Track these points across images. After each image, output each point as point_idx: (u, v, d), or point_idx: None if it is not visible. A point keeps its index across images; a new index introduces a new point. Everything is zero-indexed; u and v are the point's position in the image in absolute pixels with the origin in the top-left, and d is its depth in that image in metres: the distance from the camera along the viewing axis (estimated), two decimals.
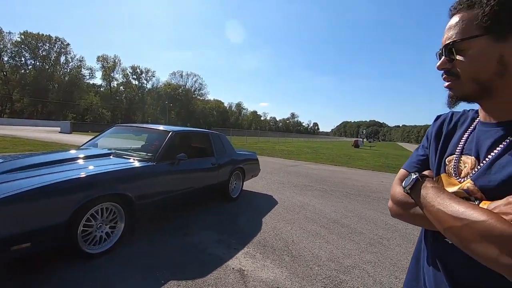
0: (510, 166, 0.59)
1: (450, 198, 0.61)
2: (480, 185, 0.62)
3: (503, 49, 0.61)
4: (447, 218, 0.58)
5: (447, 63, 0.68)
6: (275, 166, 10.40)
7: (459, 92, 0.69)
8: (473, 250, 0.54)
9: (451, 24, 0.68)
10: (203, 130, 4.83)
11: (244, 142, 27.21)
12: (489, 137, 0.67)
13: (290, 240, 3.43)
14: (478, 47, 0.63)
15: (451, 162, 0.73)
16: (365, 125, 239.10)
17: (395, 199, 0.79)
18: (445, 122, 0.83)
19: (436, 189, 0.66)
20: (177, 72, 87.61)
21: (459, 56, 0.66)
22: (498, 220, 0.51)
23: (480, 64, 0.63)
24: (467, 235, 0.54)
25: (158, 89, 79.74)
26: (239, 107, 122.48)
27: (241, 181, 5.29)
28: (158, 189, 3.26)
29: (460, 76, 0.66)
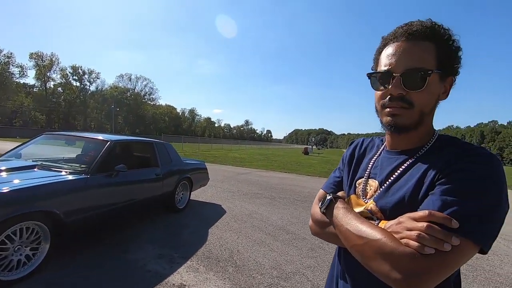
0: (403, 189, 0.66)
1: (356, 218, 0.67)
2: (380, 206, 0.69)
3: (440, 88, 0.68)
4: (352, 236, 0.64)
5: (404, 89, 0.65)
6: (227, 174, 10.37)
7: (405, 121, 0.67)
8: (371, 266, 0.60)
9: (406, 48, 0.66)
10: (147, 139, 4.62)
11: (197, 149, 26.62)
12: (390, 164, 0.74)
13: (235, 250, 3.44)
14: (433, 81, 0.65)
15: (360, 184, 0.80)
16: (314, 133, 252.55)
17: (314, 219, 0.84)
18: (357, 147, 0.90)
19: (345, 210, 0.71)
20: (125, 75, 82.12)
21: (419, 85, 0.64)
22: (390, 238, 0.57)
23: (431, 98, 0.67)
24: (367, 252, 0.60)
25: (103, 92, 73.56)
26: (193, 113, 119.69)
27: (188, 191, 5.15)
28: (92, 203, 3.01)
29: (414, 105, 0.66)
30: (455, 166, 0.60)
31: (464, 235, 0.53)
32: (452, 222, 0.53)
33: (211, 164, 13.89)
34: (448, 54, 0.66)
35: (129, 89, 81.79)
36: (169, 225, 4.14)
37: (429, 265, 0.52)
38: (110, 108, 62.21)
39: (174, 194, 4.63)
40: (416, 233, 0.54)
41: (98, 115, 73.23)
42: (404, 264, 0.53)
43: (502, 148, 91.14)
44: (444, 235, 0.53)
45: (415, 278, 0.53)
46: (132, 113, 77.35)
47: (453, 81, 0.69)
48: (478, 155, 0.60)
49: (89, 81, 72.32)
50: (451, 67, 0.67)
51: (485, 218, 0.55)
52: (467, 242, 0.54)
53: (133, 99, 79.02)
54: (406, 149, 0.73)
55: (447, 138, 0.71)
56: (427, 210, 0.56)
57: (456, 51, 0.67)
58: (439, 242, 0.53)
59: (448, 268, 0.54)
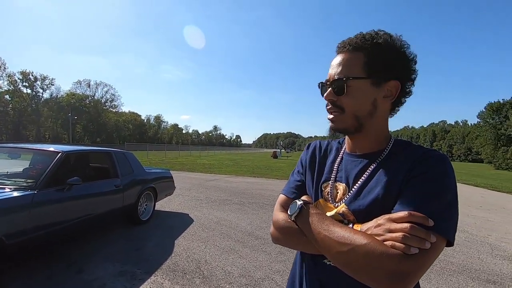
0: (374, 192, 0.69)
1: (333, 224, 0.66)
2: (352, 209, 0.70)
3: (377, 93, 0.72)
4: (334, 244, 0.62)
5: (334, 95, 0.74)
6: (195, 182, 10.12)
7: (341, 124, 0.75)
8: (356, 273, 0.59)
9: (339, 60, 0.74)
10: (104, 149, 4.34)
11: (164, 157, 25.75)
12: (355, 167, 0.77)
13: (203, 260, 3.33)
14: (361, 88, 0.71)
15: (326, 188, 0.80)
16: (283, 137, 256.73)
17: (278, 226, 0.79)
18: (316, 150, 0.90)
19: (319, 216, 0.69)
20: (83, 81, 76.99)
21: (346, 92, 0.72)
22: (376, 243, 0.58)
23: (361, 102, 0.72)
24: (351, 258, 0.59)
25: (59, 100, 68.12)
26: (159, 120, 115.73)
27: (152, 202, 4.92)
28: (41, 222, 2.74)
29: (345, 110, 0.73)
30: (418, 169, 0.65)
31: (437, 232, 0.57)
32: (429, 221, 0.57)
33: (178, 172, 13.49)
34: (380, 61, 0.70)
35: (88, 96, 76.92)
36: (132, 239, 3.91)
37: (414, 265, 0.55)
38: (67, 117, 57.91)
39: (136, 205, 4.39)
40: (401, 234, 0.56)
41: (53, 124, 67.76)
42: (392, 266, 0.55)
43: (451, 145, 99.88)
44: (425, 234, 0.56)
45: (403, 279, 0.54)
46: (92, 121, 72.78)
47: (398, 84, 0.71)
48: (434, 157, 0.67)
49: (42, 88, 66.74)
50: (388, 72, 0.71)
51: (449, 213, 0.61)
52: (440, 238, 0.58)
53: (93, 107, 74.39)
54: (367, 153, 0.77)
55: (403, 142, 0.76)
56: (406, 211, 0.59)
57: (393, 57, 0.71)
58: (422, 241, 0.55)
59: (428, 265, 0.57)
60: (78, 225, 3.24)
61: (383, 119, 0.76)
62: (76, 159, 3.77)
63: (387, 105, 0.74)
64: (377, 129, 0.75)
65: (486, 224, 5.85)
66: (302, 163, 0.92)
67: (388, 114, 0.77)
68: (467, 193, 10.97)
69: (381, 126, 0.76)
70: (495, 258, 3.90)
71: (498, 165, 45.32)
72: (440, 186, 0.62)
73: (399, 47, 0.71)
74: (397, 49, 0.71)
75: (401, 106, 0.78)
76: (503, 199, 9.88)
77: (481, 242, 4.61)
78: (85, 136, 72.31)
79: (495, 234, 5.11)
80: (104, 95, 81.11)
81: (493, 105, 51.73)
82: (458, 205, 0.64)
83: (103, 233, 4.03)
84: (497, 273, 3.39)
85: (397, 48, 0.71)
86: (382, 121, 0.75)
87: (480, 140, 55.64)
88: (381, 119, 0.75)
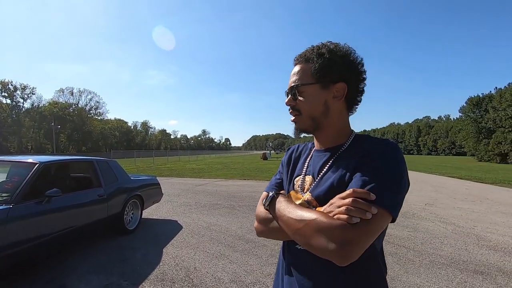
0: (331, 178, 0.79)
1: (295, 207, 0.77)
2: (315, 196, 0.80)
3: (326, 95, 0.82)
4: (293, 222, 0.72)
5: (292, 101, 0.86)
6: (183, 187, 9.97)
7: (301, 125, 0.87)
8: (311, 245, 0.68)
9: (295, 71, 0.87)
10: (86, 158, 4.20)
11: (151, 163, 25.34)
12: (320, 160, 0.87)
13: (192, 267, 3.25)
14: (312, 92, 0.83)
15: (298, 181, 0.90)
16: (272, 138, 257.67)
17: (259, 218, 0.89)
18: (293, 152, 1.03)
19: (286, 202, 0.80)
20: (66, 89, 74.67)
21: (300, 97, 0.84)
22: (324, 216, 0.68)
23: (313, 104, 0.83)
24: (306, 232, 0.69)
25: (41, 109, 65.93)
26: (146, 126, 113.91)
27: (139, 210, 4.79)
28: (18, 237, 2.61)
29: (302, 112, 0.85)
30: (368, 155, 0.75)
31: (379, 205, 0.66)
32: (370, 195, 0.66)
33: (167, 178, 13.28)
34: (326, 69, 0.81)
35: (72, 104, 74.89)
36: (118, 249, 3.78)
37: (357, 233, 0.63)
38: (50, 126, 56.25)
39: (122, 215, 4.26)
40: (345, 207, 0.66)
41: (36, 134, 65.57)
42: (337, 235, 0.64)
43: (436, 140, 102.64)
44: (366, 206, 0.65)
45: (347, 245, 0.63)
46: (77, 130, 70.91)
47: (345, 86, 0.81)
48: (383, 145, 0.77)
49: (23, 97, 64.44)
50: (333, 76, 0.81)
51: (391, 190, 0.69)
52: (382, 210, 0.66)
53: (77, 115, 72.46)
54: (329, 147, 0.87)
55: (362, 136, 0.86)
56: (351, 188, 0.69)
57: (337, 63, 0.81)
58: (363, 212, 0.64)
59: (371, 233, 0.65)
60: (59, 239, 3.10)
61: (338, 117, 0.85)
62: (55, 169, 3.62)
63: (339, 104, 0.84)
64: (334, 126, 0.85)
65: (471, 215, 5.99)
66: (282, 164, 1.04)
67: (344, 112, 0.86)
68: (452, 185, 11.24)
69: (339, 123, 0.85)
70: (482, 248, 3.98)
71: (481, 157, 46.78)
72: (384, 167, 0.71)
73: (343, 54, 0.82)
74: (341, 55, 0.82)
75: (359, 104, 0.87)
76: (487, 190, 10.16)
77: (468, 233, 4.70)
78: (70, 145, 70.40)
79: (481, 225, 5.23)
80: (88, 102, 79.21)
81: (473, 99, 53.36)
82: (406, 185, 0.73)
83: (87, 245, 3.88)
84: (484, 263, 3.45)
85: (340, 54, 0.82)
86: (338, 119, 0.85)
87: (463, 133, 57.12)
88: (336, 117, 0.84)
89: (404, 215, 5.96)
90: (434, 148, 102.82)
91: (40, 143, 65.15)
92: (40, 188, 2.98)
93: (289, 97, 0.87)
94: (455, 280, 3.00)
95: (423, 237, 4.47)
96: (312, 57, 0.83)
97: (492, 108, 47.02)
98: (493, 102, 47.09)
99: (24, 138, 64.32)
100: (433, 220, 5.54)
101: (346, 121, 0.88)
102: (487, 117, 49.20)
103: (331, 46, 0.83)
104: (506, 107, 43.14)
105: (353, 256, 0.63)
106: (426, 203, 7.38)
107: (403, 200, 0.73)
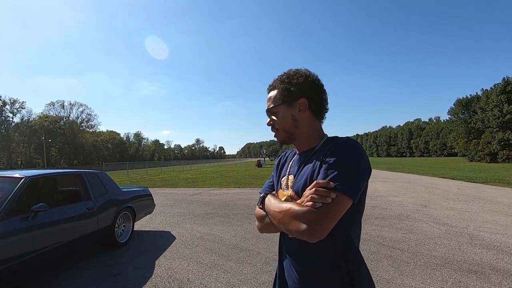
0: (304, 175, 0.95)
1: (278, 201, 0.94)
2: (294, 191, 0.96)
3: (292, 110, 1.01)
4: (276, 214, 0.90)
5: (270, 121, 1.06)
6: (177, 197, 9.85)
7: (280, 138, 1.06)
8: (290, 230, 0.85)
9: (268, 97, 1.07)
10: (74, 171, 4.12)
11: (145, 174, 25.05)
12: (298, 162, 1.05)
13: (185, 279, 3.18)
14: (281, 111, 1.02)
15: (284, 181, 1.06)
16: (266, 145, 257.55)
17: (256, 216, 1.07)
18: (281, 158, 1.21)
19: (272, 199, 0.98)
20: (57, 102, 73.53)
21: (273, 116, 1.05)
22: (296, 205, 0.85)
23: (284, 121, 1.02)
24: (285, 220, 0.86)
25: (31, 123, 64.75)
26: (138, 137, 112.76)
27: (131, 222, 4.71)
28: (3, 255, 2.52)
29: (278, 128, 1.04)
30: (331, 152, 0.90)
31: (338, 190, 0.81)
32: (330, 184, 0.82)
33: (160, 188, 13.13)
34: (287, 91, 1.00)
35: (63, 117, 73.86)
36: (109, 264, 3.68)
37: (320, 214, 0.79)
38: (40, 140, 55.31)
39: (113, 228, 4.18)
40: (310, 196, 0.83)
41: (26, 149, 64.38)
42: (305, 218, 0.80)
43: (427, 141, 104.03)
44: (326, 193, 0.81)
45: (314, 225, 0.78)
46: (68, 143, 69.84)
47: (305, 100, 0.99)
48: (342, 142, 0.92)
49: (12, 112, 63.47)
50: (294, 94, 0.99)
51: (348, 177, 0.83)
52: (340, 194, 0.81)
53: (68, 128, 71.42)
54: (305, 150, 1.05)
55: (330, 138, 1.01)
56: (315, 181, 0.86)
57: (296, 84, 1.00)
58: (323, 198, 0.80)
59: (333, 214, 0.80)
60: (47, 255, 3.01)
61: (308, 125, 1.02)
62: (42, 183, 3.55)
63: (305, 115, 1.01)
64: (306, 133, 1.02)
65: (464, 215, 6.04)
66: (274, 169, 1.22)
67: (313, 120, 1.03)
68: (445, 186, 11.36)
69: (309, 131, 1.02)
70: (475, 247, 4.00)
71: (471, 157, 47.51)
72: (342, 159, 0.86)
73: (300, 76, 1.01)
74: (298, 77, 1.01)
75: (326, 111, 1.05)
76: (478, 189, 10.29)
77: (461, 233, 4.72)
78: (61, 159, 69.16)
79: (473, 224, 5.27)
80: (80, 115, 78.12)
81: (462, 101, 54.46)
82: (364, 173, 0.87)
83: (77, 260, 3.78)
84: (477, 262, 3.46)
85: (297, 77, 1.01)
86: (307, 127, 1.02)
87: (453, 134, 58.09)
88: (305, 126, 1.02)
89: (398, 217, 5.98)
90: (426, 149, 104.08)
91: (30, 157, 63.92)
92: (26, 203, 2.91)
93: (268, 119, 1.07)
94: (450, 280, 3.00)
95: (417, 238, 4.48)
96: (277, 84, 1.04)
97: (480, 109, 48.10)
98: (481, 103, 48.17)
99: (14, 153, 63.07)
100: (426, 221, 5.56)
101: (317, 127, 1.04)
102: (475, 117, 50.21)
103: (290, 73, 1.03)
104: (493, 107, 44.15)
105: (320, 234, 0.79)
106: (419, 204, 7.43)
107: (363, 185, 0.87)
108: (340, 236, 0.88)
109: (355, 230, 0.94)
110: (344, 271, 0.88)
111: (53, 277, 3.27)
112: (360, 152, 0.89)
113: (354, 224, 0.93)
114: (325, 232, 0.79)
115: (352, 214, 0.88)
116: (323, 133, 1.05)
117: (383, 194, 9.39)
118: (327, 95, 1.05)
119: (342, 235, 0.88)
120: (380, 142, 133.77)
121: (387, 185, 11.89)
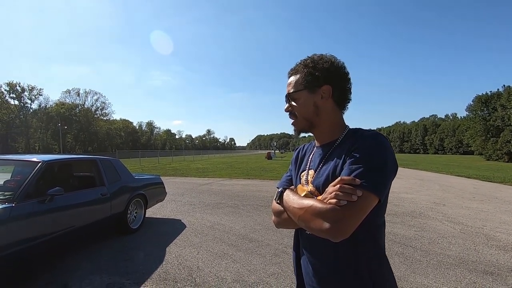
0: (327, 170, 0.90)
1: (298, 197, 0.89)
2: (315, 186, 0.91)
3: (314, 97, 0.94)
4: (296, 210, 0.86)
5: (289, 107, 1.00)
6: (188, 187, 9.97)
7: (298, 126, 1.00)
8: (311, 227, 0.80)
9: (289, 82, 1.01)
10: (89, 156, 4.20)
11: (157, 163, 25.45)
12: (318, 156, 0.99)
13: (195, 267, 3.22)
14: (302, 97, 0.96)
15: (303, 176, 1.01)
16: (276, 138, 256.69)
17: (273, 211, 1.02)
18: (300, 151, 1.14)
19: (291, 194, 0.93)
20: (73, 90, 75.19)
21: (293, 102, 0.98)
22: (319, 202, 0.80)
23: (305, 107, 0.96)
24: (306, 217, 0.81)
25: (48, 110, 66.62)
26: (151, 126, 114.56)
27: (143, 209, 4.79)
28: (20, 236, 2.61)
29: (297, 116, 0.98)
30: (356, 147, 0.84)
31: (364, 188, 0.76)
32: (355, 180, 0.77)
33: (172, 177, 13.31)
34: (311, 75, 0.94)
35: (78, 105, 75.47)
36: (121, 249, 3.77)
37: (345, 213, 0.74)
38: (56, 127, 56.89)
39: (126, 214, 4.26)
40: (334, 193, 0.78)
41: (43, 135, 66.37)
42: (329, 216, 0.75)
43: (443, 138, 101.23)
44: (351, 190, 0.76)
45: (338, 224, 0.74)
46: (83, 130, 71.58)
47: (329, 88, 0.92)
48: (369, 136, 0.86)
49: (30, 98, 65.38)
50: (318, 81, 0.93)
51: (375, 175, 0.78)
52: (366, 192, 0.76)
53: (83, 116, 73.11)
54: (325, 143, 0.98)
55: (354, 130, 0.95)
56: (340, 176, 0.80)
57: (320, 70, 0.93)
58: (349, 195, 0.75)
59: (358, 212, 0.75)
60: (61, 238, 3.10)
61: (330, 115, 0.96)
62: (58, 168, 3.63)
63: (328, 104, 0.94)
64: (327, 123, 0.96)
65: (480, 215, 5.86)
66: (291, 162, 1.16)
67: (335, 110, 0.96)
68: (460, 184, 11.06)
69: (330, 120, 0.96)
70: (491, 248, 3.88)
71: (489, 156, 45.99)
72: (368, 155, 0.81)
73: (325, 61, 0.93)
74: (323, 63, 0.93)
75: (349, 101, 0.98)
76: (495, 189, 9.97)
77: (476, 233, 4.59)
78: (76, 145, 71.08)
79: (490, 224, 5.11)
80: (94, 103, 79.79)
81: (481, 98, 52.38)
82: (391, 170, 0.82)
83: (90, 244, 3.88)
84: (494, 263, 3.35)
85: (322, 62, 0.93)
86: (329, 116, 0.96)
87: (470, 132, 56.11)
88: (327, 115, 0.95)
89: (410, 214, 5.86)
90: (441, 147, 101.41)
91: (47, 143, 65.88)
92: (43, 187, 2.97)
93: (286, 104, 1.01)
94: (464, 280, 2.92)
95: (430, 236, 4.38)
96: (300, 68, 0.98)
97: (501, 106, 46.16)
98: (501, 100, 46.24)
99: (32, 139, 65.14)
100: (440, 220, 5.43)
101: (339, 118, 0.98)
102: (495, 115, 48.32)
103: (315, 58, 0.96)
104: None
105: (345, 233, 0.75)
106: (433, 202, 7.26)
107: (390, 183, 0.83)
108: (362, 235, 0.83)
109: (379, 229, 0.89)
110: (365, 274, 0.83)
111: (67, 259, 3.37)
112: (388, 148, 0.83)
113: (378, 223, 0.89)
114: (349, 231, 0.75)
115: (376, 212, 0.83)
116: (345, 124, 0.99)
117: (395, 190, 9.22)
118: (351, 85, 0.97)
119: (364, 234, 0.83)
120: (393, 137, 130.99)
121: (400, 182, 11.66)
